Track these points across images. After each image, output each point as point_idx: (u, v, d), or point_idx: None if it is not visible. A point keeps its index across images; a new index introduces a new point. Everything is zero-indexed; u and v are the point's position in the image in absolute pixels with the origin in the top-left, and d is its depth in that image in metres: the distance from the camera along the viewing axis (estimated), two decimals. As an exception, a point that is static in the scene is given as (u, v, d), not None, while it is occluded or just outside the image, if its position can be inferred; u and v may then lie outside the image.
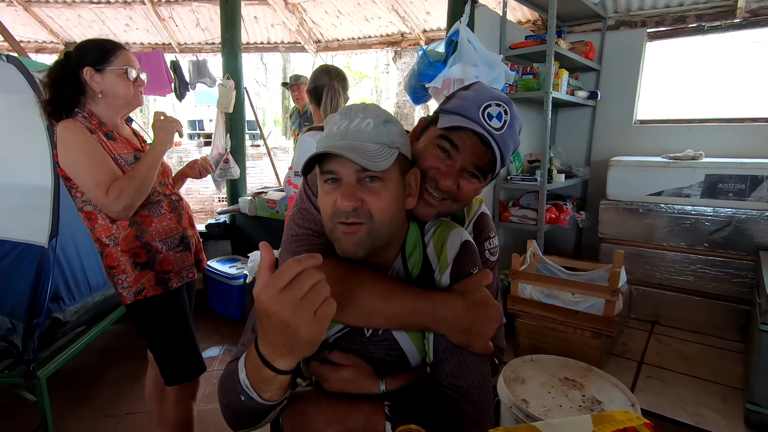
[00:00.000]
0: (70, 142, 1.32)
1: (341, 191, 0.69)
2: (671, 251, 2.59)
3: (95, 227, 1.40)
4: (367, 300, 0.72)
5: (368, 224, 0.70)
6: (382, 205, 0.70)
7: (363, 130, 0.70)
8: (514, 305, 2.26)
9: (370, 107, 0.74)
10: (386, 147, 0.70)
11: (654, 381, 2.06)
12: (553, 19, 2.36)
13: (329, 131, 0.73)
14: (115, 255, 1.41)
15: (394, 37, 5.23)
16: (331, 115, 0.76)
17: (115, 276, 1.42)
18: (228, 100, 3.55)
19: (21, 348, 1.64)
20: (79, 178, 1.33)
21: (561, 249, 3.34)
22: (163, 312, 1.48)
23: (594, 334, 2.06)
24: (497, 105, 0.79)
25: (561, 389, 1.60)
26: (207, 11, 5.24)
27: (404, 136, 0.77)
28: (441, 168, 0.81)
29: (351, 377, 0.78)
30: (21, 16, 5.38)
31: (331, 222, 0.71)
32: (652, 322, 2.68)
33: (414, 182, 0.78)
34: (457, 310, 0.72)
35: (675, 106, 3.22)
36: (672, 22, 2.91)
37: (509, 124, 0.80)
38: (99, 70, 1.36)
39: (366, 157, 0.66)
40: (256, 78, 17.38)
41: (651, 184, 2.61)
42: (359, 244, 0.70)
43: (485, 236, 0.98)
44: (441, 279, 0.79)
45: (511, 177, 2.77)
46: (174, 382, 1.51)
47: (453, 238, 0.82)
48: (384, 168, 0.68)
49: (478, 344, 0.74)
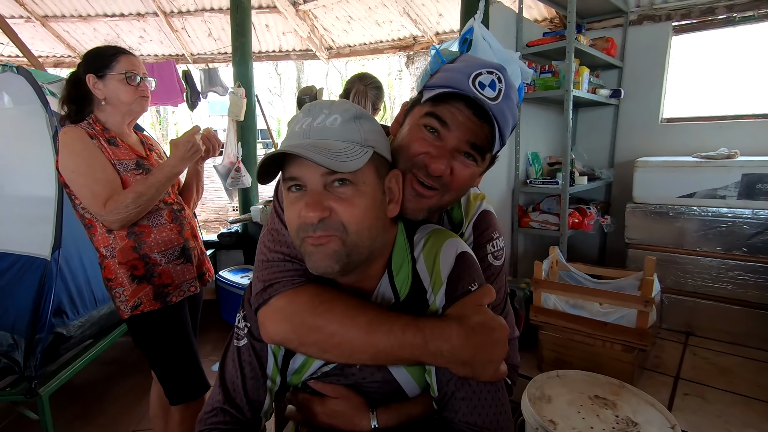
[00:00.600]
0: (69, 147, 1.28)
1: (305, 200, 0.60)
2: (706, 257, 2.42)
3: (94, 235, 1.36)
4: (348, 335, 0.63)
5: (341, 236, 0.60)
6: (356, 214, 0.60)
7: (328, 127, 0.61)
8: (537, 316, 2.13)
9: (337, 103, 0.64)
10: (357, 145, 0.61)
11: (693, 399, 1.89)
12: (572, 14, 2.25)
13: (291, 131, 0.63)
14: (113, 267, 1.35)
15: (406, 41, 5.16)
16: (294, 114, 0.67)
17: (113, 289, 1.36)
18: (239, 108, 3.52)
19: (23, 365, 1.58)
20: (76, 185, 1.28)
21: (585, 255, 3.18)
22: (162, 328, 1.40)
23: (625, 348, 1.91)
24: (489, 72, 0.67)
25: (591, 408, 1.47)
26: (219, 21, 5.27)
27: (380, 133, 0.67)
28: (430, 151, 0.69)
29: (339, 410, 0.70)
30: (39, 31, 5.50)
31: (299, 237, 0.62)
32: (686, 333, 2.51)
33: (396, 186, 0.68)
34: (452, 340, 0.61)
35: (705, 103, 3.05)
36: (700, 15, 2.76)
37: (505, 94, 0.68)
38: (101, 77, 1.34)
39: (330, 156, 0.56)
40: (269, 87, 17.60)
41: (682, 185, 2.46)
42: (333, 257, 0.60)
43: (487, 237, 0.85)
44: (435, 300, 0.68)
45: (530, 180, 2.65)
46: (178, 401, 1.43)
47: (447, 249, 0.70)
48: (353, 168, 0.58)
49: (485, 374, 0.63)
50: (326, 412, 0.72)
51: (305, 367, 0.73)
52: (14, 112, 2.05)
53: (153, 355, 1.41)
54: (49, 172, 1.80)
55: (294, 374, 0.75)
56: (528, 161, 2.76)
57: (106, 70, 1.34)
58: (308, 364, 0.73)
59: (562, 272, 2.33)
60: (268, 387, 0.73)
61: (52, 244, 1.69)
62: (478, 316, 0.64)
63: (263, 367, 0.72)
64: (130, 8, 5.21)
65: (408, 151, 0.70)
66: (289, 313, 0.66)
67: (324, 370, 0.72)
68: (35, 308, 1.62)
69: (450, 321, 0.64)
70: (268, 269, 0.71)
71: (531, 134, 2.81)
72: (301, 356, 0.72)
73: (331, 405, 0.72)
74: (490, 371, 0.63)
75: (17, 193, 1.87)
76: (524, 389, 1.49)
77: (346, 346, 0.63)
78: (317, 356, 0.69)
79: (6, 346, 1.57)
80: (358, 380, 0.72)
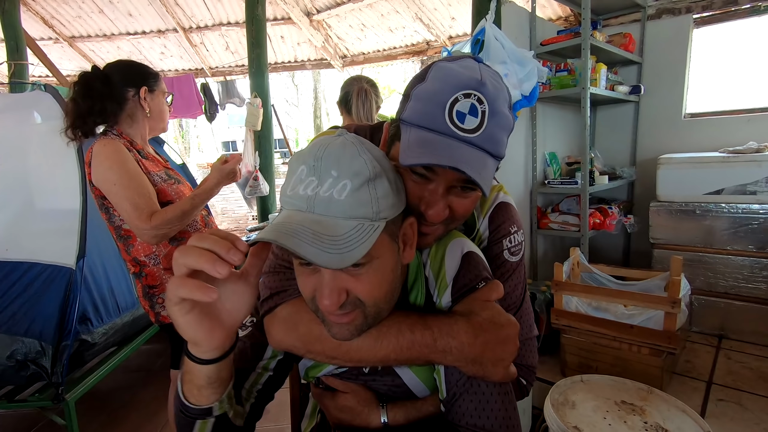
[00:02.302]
0: (110, 160, 1.28)
1: (320, 288, 0.55)
2: (737, 256, 2.32)
3: (132, 246, 1.36)
4: (356, 343, 0.62)
5: (362, 309, 0.57)
6: (373, 291, 0.57)
7: (335, 200, 0.51)
8: (558, 319, 2.07)
9: (346, 161, 0.53)
10: (367, 221, 0.52)
11: (728, 405, 1.80)
12: (587, 10, 2.21)
13: (293, 189, 0.54)
14: (157, 273, 1.37)
15: (420, 46, 5.17)
16: (298, 153, 0.57)
17: (156, 295, 1.38)
18: (256, 118, 3.59)
19: (50, 371, 1.63)
20: (118, 198, 1.27)
21: (607, 257, 3.09)
22: None
23: (653, 351, 1.84)
24: (465, 96, 0.59)
25: (618, 414, 1.41)
26: (236, 34, 5.41)
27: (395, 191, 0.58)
28: (424, 196, 0.63)
29: (349, 405, 0.70)
30: (67, 51, 5.75)
31: (313, 305, 0.59)
32: (718, 336, 2.40)
33: (411, 231, 0.62)
34: (460, 337, 0.60)
35: (731, 97, 2.94)
36: (722, 5, 2.67)
37: (490, 114, 0.59)
38: (151, 91, 1.40)
39: (333, 249, 0.49)
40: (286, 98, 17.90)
41: (709, 181, 2.36)
42: (355, 330, 0.58)
43: (504, 232, 0.79)
44: (441, 302, 0.67)
45: (548, 181, 2.60)
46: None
47: (452, 250, 0.68)
48: (360, 256, 0.50)
49: (495, 373, 0.61)
50: (337, 407, 0.72)
51: (320, 365, 0.73)
52: (43, 129, 2.13)
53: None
54: (74, 185, 1.86)
55: (309, 369, 0.75)
56: (546, 161, 2.71)
57: (155, 85, 1.41)
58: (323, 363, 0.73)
59: (584, 274, 2.27)
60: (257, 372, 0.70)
61: (77, 253, 1.74)
62: (486, 312, 0.62)
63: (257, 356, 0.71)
64: (151, 26, 5.40)
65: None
66: (294, 323, 0.66)
67: (336, 371, 0.73)
68: (61, 316, 1.67)
69: (457, 318, 0.62)
70: (275, 276, 0.70)
71: (548, 134, 2.76)
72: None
73: (342, 400, 0.71)
74: (501, 370, 0.61)
75: (45, 206, 1.94)
76: (547, 394, 1.45)
77: (354, 353, 0.63)
78: (325, 362, 0.69)
79: (34, 353, 1.62)
80: (368, 382, 0.72)
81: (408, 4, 4.56)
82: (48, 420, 2.12)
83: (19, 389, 1.75)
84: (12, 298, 1.69)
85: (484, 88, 0.59)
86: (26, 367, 1.63)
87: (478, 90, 0.59)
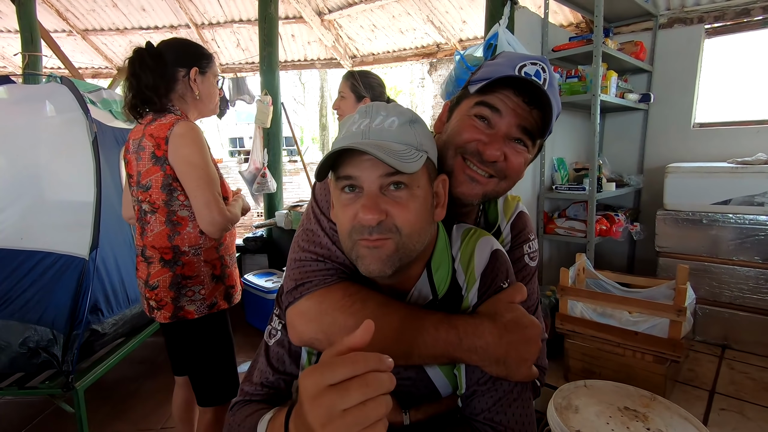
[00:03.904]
0: (196, 145, 1.25)
1: (362, 202, 0.59)
2: (743, 266, 2.32)
3: (179, 233, 1.29)
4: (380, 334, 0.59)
5: (395, 238, 0.60)
6: (410, 218, 0.60)
7: (387, 129, 0.60)
8: (563, 324, 2.08)
9: (392, 105, 0.65)
10: (413, 149, 0.60)
11: (731, 414, 1.81)
12: (600, 17, 2.22)
13: (347, 131, 0.63)
14: (197, 264, 1.33)
15: (430, 48, 5.19)
16: (349, 115, 0.67)
17: (188, 287, 1.32)
18: (265, 116, 3.61)
19: (61, 359, 1.65)
20: (195, 184, 1.25)
21: (612, 264, 3.10)
22: (227, 327, 1.43)
23: (657, 359, 1.85)
24: (533, 64, 0.69)
25: (621, 420, 1.42)
26: (246, 32, 5.44)
27: (431, 139, 0.67)
28: (482, 138, 0.70)
29: None
30: (80, 44, 5.80)
31: (350, 240, 0.61)
32: (722, 345, 2.40)
33: (443, 190, 0.68)
34: (485, 337, 0.61)
35: (740, 108, 2.94)
36: (734, 16, 2.68)
37: (549, 83, 0.69)
38: (202, 72, 1.35)
39: (393, 156, 0.56)
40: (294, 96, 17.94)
41: (716, 192, 2.37)
42: (386, 261, 0.60)
43: (524, 238, 0.86)
44: (468, 296, 0.69)
45: (556, 186, 2.61)
46: (221, 401, 1.43)
47: (481, 247, 0.71)
48: (413, 170, 0.58)
49: (518, 373, 0.62)
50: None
51: None
52: (56, 121, 2.15)
53: (213, 354, 1.40)
54: (88, 177, 1.89)
55: None
56: (553, 167, 2.72)
57: (207, 68, 1.35)
58: None
59: (589, 280, 2.28)
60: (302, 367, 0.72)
61: (90, 244, 1.77)
62: (511, 314, 0.64)
63: (297, 358, 0.72)
64: (164, 21, 5.44)
65: (459, 138, 0.71)
66: (318, 313, 0.66)
67: None
68: (73, 305, 1.70)
69: (483, 318, 0.64)
70: (300, 268, 0.71)
71: (557, 139, 2.77)
72: None
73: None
74: (524, 370, 0.62)
75: (59, 197, 1.97)
76: (550, 398, 1.46)
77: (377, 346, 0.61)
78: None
79: (46, 341, 1.65)
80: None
81: (420, 6, 4.57)
82: (54, 408, 2.15)
83: (29, 377, 1.78)
84: (26, 286, 1.72)
85: (547, 62, 0.70)
86: (38, 355, 1.65)
87: (542, 62, 0.70)
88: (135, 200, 1.35)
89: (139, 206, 1.33)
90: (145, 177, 1.29)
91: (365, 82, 1.85)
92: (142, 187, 1.30)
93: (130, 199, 1.41)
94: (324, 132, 15.96)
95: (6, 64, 6.23)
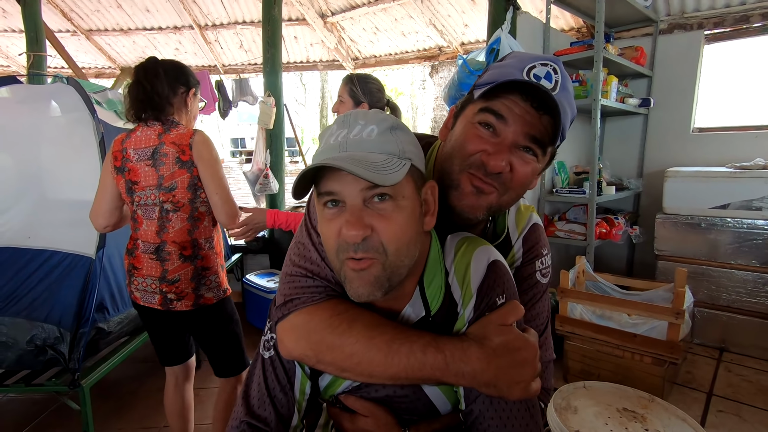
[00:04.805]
0: (215, 151, 1.47)
1: (346, 218, 0.57)
2: (741, 270, 2.35)
3: (198, 228, 1.47)
4: (367, 355, 0.61)
5: (381, 259, 0.57)
6: (396, 232, 0.57)
7: (365, 139, 0.57)
8: (562, 326, 2.11)
9: (371, 113, 0.61)
10: (395, 158, 0.57)
11: (727, 416, 1.84)
12: (601, 23, 2.25)
13: (325, 143, 0.60)
14: (212, 256, 1.52)
15: (432, 51, 5.21)
16: (327, 126, 0.64)
17: (207, 276, 1.49)
18: (268, 117, 3.63)
19: (67, 357, 1.67)
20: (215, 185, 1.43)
21: (611, 266, 3.12)
22: (234, 307, 1.61)
23: (655, 361, 1.88)
24: (543, 65, 0.63)
25: (619, 421, 1.43)
26: (250, 33, 5.46)
27: (416, 145, 0.63)
28: (487, 148, 0.65)
29: (369, 429, 0.68)
30: (83, 44, 5.82)
31: (338, 260, 0.59)
32: (719, 348, 2.43)
33: (431, 197, 0.64)
34: (472, 362, 0.58)
35: (739, 113, 2.97)
36: (733, 23, 2.71)
37: (562, 85, 0.63)
38: (195, 94, 1.56)
39: (371, 169, 0.53)
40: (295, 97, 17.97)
41: (715, 196, 2.40)
42: (375, 284, 0.58)
43: (536, 253, 0.80)
44: (464, 314, 0.65)
45: (556, 190, 2.63)
46: (237, 371, 1.62)
47: (478, 258, 0.66)
48: (394, 181, 0.55)
49: (512, 394, 0.59)
50: (355, 430, 0.69)
51: (337, 382, 0.71)
52: (62, 121, 2.17)
53: (230, 333, 1.58)
54: (94, 177, 1.91)
55: (326, 388, 0.73)
56: (554, 170, 2.75)
57: (198, 89, 1.57)
58: (340, 379, 0.70)
59: (588, 282, 2.31)
60: (296, 399, 0.70)
61: (97, 243, 1.79)
62: (500, 337, 0.60)
63: (290, 380, 0.71)
64: (167, 21, 5.46)
65: (463, 150, 0.67)
66: (307, 331, 0.65)
67: (355, 384, 0.70)
68: (80, 303, 1.71)
69: (470, 343, 0.60)
70: (290, 283, 0.69)
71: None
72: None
73: (361, 423, 0.69)
74: (518, 391, 0.59)
75: (65, 196, 1.99)
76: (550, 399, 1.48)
77: (365, 367, 0.61)
78: (336, 374, 0.67)
79: (53, 338, 1.66)
80: (389, 394, 0.68)
81: (422, 9, 4.60)
82: (57, 405, 2.17)
83: (35, 374, 1.80)
84: (33, 284, 1.74)
85: (559, 63, 0.65)
86: (44, 353, 1.67)
87: (554, 62, 0.65)
88: (152, 202, 1.44)
89: (159, 207, 1.44)
90: (169, 180, 1.42)
91: (364, 88, 1.86)
92: (165, 189, 1.42)
93: (117, 205, 1.51)
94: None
95: (10, 64, 6.25)
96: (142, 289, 1.48)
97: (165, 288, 1.45)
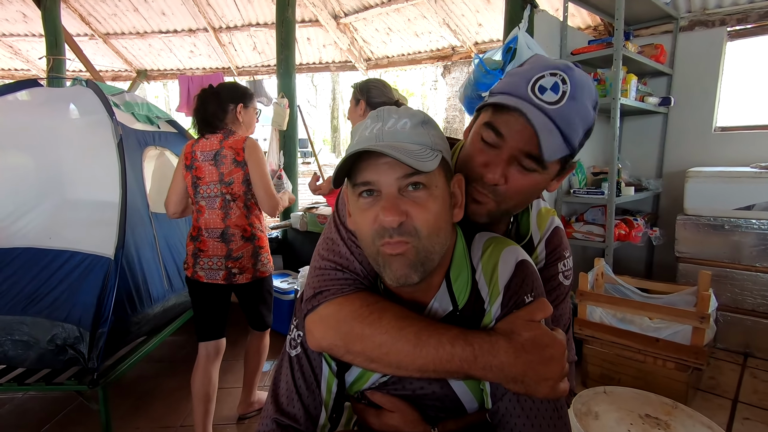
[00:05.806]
0: (261, 154, 1.81)
1: (382, 204, 0.59)
2: (766, 273, 2.28)
3: (252, 214, 1.84)
4: (396, 346, 0.61)
5: (414, 242, 0.59)
6: (430, 219, 0.59)
7: (400, 131, 0.60)
8: (582, 330, 2.07)
9: (403, 108, 0.64)
10: (428, 148, 0.60)
11: (755, 424, 1.78)
12: (620, 20, 2.20)
13: (360, 136, 0.62)
14: (264, 238, 1.89)
15: (445, 51, 5.19)
16: (360, 122, 0.66)
17: (261, 254, 1.85)
18: (282, 118, 3.64)
19: (87, 356, 1.69)
20: (262, 182, 1.76)
21: (630, 268, 3.06)
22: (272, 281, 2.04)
23: (679, 366, 1.83)
24: (552, 75, 0.64)
25: (642, 428, 1.41)
26: (263, 35, 5.50)
27: (444, 140, 0.66)
28: (485, 161, 0.68)
29: (395, 424, 0.68)
30: (101, 48, 5.93)
31: (374, 246, 0.60)
32: (744, 354, 2.36)
33: (459, 191, 0.67)
34: (500, 356, 0.59)
35: (763, 111, 2.89)
36: (757, 19, 2.64)
37: (570, 96, 0.63)
38: (246, 107, 1.87)
39: (410, 156, 0.56)
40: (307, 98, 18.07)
41: (739, 197, 2.33)
42: (411, 267, 0.59)
43: (558, 255, 0.82)
44: (491, 310, 0.66)
45: (574, 190, 2.59)
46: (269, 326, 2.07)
47: (506, 258, 0.67)
48: (431, 168, 0.57)
49: (539, 392, 0.59)
50: (381, 425, 0.69)
51: (364, 378, 0.72)
52: (80, 123, 2.20)
53: (268, 300, 2.00)
54: (113, 178, 1.93)
55: (353, 383, 0.73)
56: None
57: (249, 102, 1.89)
58: (367, 374, 0.71)
59: (608, 285, 2.26)
60: (323, 398, 0.71)
61: (116, 244, 1.81)
62: (529, 332, 0.60)
63: (317, 377, 0.71)
64: (183, 24, 5.54)
65: (469, 163, 0.70)
66: (336, 321, 0.66)
67: (382, 380, 0.70)
68: (99, 303, 1.73)
69: (499, 336, 0.61)
70: (320, 276, 0.71)
71: (574, 143, 2.75)
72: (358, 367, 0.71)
73: (387, 419, 0.69)
74: (545, 389, 0.59)
75: (85, 197, 2.01)
76: (570, 404, 1.45)
77: (393, 357, 0.62)
78: (364, 366, 0.67)
79: (73, 338, 1.69)
80: (416, 391, 0.69)
81: (435, 9, 4.58)
82: (76, 404, 2.20)
83: (55, 373, 1.83)
84: (54, 284, 1.76)
85: (570, 71, 0.65)
86: (64, 352, 1.69)
87: (564, 72, 0.64)
88: (214, 194, 1.78)
89: (222, 198, 1.78)
90: (228, 176, 1.77)
91: (362, 86, 1.97)
92: (226, 183, 1.77)
93: (184, 196, 1.84)
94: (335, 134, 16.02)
95: (30, 67, 6.40)
96: (207, 267, 1.78)
97: (230, 264, 1.78)
